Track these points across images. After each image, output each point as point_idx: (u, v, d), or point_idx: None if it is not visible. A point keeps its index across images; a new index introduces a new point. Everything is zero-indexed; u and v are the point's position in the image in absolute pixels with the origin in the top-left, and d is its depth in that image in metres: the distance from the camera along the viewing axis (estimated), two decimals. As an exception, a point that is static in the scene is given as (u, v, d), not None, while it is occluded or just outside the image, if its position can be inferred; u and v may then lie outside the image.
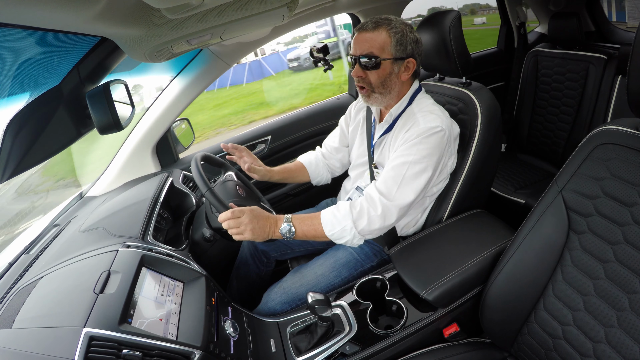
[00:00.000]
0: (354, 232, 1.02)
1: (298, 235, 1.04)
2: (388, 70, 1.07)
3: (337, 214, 1.04)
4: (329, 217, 1.04)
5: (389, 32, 1.04)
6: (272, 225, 1.02)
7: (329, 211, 1.06)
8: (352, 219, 1.02)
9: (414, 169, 1.03)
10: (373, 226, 1.02)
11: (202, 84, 1.54)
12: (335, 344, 0.93)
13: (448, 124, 1.07)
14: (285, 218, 1.04)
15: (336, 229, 1.03)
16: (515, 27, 2.39)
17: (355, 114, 1.34)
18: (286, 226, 1.03)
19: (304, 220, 1.05)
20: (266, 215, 1.02)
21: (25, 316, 0.72)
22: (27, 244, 1.14)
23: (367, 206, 1.03)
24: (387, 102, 1.14)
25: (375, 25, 1.05)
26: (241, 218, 0.98)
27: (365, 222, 1.02)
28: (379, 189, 1.05)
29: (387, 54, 1.05)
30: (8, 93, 0.87)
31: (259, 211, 1.02)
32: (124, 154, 1.51)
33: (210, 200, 1.00)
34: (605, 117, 1.81)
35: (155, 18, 0.77)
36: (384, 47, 1.04)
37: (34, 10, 0.55)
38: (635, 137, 0.71)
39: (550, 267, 0.82)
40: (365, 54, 1.05)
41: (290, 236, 1.03)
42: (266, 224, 1.01)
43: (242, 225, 0.98)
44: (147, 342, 0.69)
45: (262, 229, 1.00)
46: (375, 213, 1.02)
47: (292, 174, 1.38)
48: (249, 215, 0.98)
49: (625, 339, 0.68)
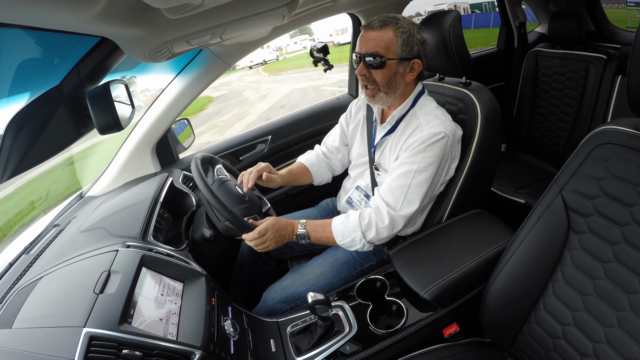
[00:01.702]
0: (364, 242, 1.07)
1: (311, 241, 1.12)
2: (393, 70, 1.06)
3: (348, 225, 1.07)
4: (339, 227, 1.08)
5: (395, 31, 1.03)
6: (290, 232, 1.10)
7: (339, 221, 1.09)
8: (361, 230, 1.05)
9: (419, 177, 1.04)
10: (381, 236, 1.06)
11: (202, 84, 1.54)
12: (335, 344, 0.93)
13: (451, 128, 1.07)
14: (300, 224, 1.11)
15: (347, 240, 1.08)
16: (515, 27, 2.39)
17: (356, 113, 1.34)
18: (302, 232, 1.10)
19: (317, 228, 1.11)
20: (284, 225, 1.09)
21: (25, 316, 0.72)
22: (27, 244, 1.14)
23: (375, 219, 1.06)
24: (390, 102, 1.13)
25: (382, 24, 1.04)
26: (266, 236, 1.05)
27: (374, 233, 1.05)
28: (386, 200, 1.06)
29: (392, 54, 1.04)
30: (8, 93, 0.87)
31: (279, 223, 1.08)
32: (124, 154, 1.51)
33: (234, 223, 1.04)
34: (605, 117, 1.81)
35: (155, 18, 0.77)
36: (390, 46, 1.04)
37: (34, 10, 0.55)
38: (635, 137, 0.71)
39: (550, 267, 0.82)
40: (371, 52, 1.04)
41: (305, 241, 1.11)
42: (285, 232, 1.09)
43: (267, 241, 1.06)
44: (147, 342, 0.69)
45: (283, 238, 1.09)
46: (382, 225, 1.05)
47: (297, 177, 1.37)
48: (272, 231, 1.06)
49: (625, 339, 0.68)
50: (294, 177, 1.36)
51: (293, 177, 1.35)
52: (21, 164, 0.79)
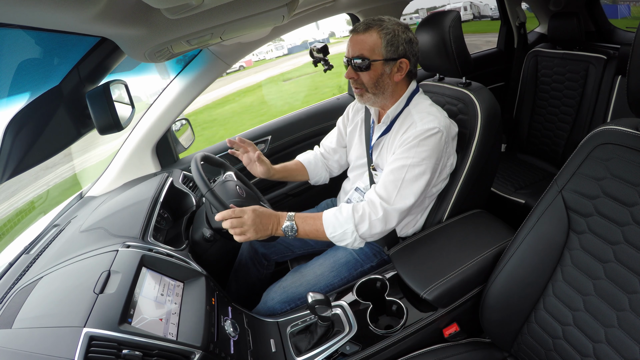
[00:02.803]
0: (355, 236, 1.03)
1: (300, 234, 1.05)
2: (379, 72, 1.06)
3: (340, 216, 1.04)
4: (331, 219, 1.05)
5: (379, 33, 1.04)
6: (275, 222, 1.03)
7: (331, 213, 1.06)
8: (354, 222, 1.02)
9: (413, 172, 1.03)
10: (374, 230, 1.03)
11: (202, 84, 1.54)
12: (335, 344, 0.93)
13: (445, 124, 1.06)
14: (288, 216, 1.05)
15: (337, 232, 1.04)
16: (515, 27, 2.39)
17: (354, 115, 1.34)
18: (289, 224, 1.03)
19: (306, 219, 1.06)
20: (268, 213, 1.03)
21: (25, 316, 0.72)
22: (27, 244, 1.14)
23: (369, 210, 1.03)
24: (381, 102, 1.14)
25: (366, 27, 1.05)
26: (243, 218, 0.98)
27: (367, 226, 1.03)
28: (379, 193, 1.05)
29: (377, 55, 1.05)
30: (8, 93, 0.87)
31: (261, 209, 1.02)
32: (124, 154, 1.51)
33: (211, 200, 0.99)
34: (605, 117, 1.81)
35: (155, 18, 0.77)
36: (374, 48, 1.04)
37: (34, 10, 0.55)
38: (635, 137, 0.71)
39: (550, 267, 0.82)
40: (357, 55, 1.05)
41: (292, 234, 1.04)
42: (269, 221, 1.02)
43: (245, 225, 0.98)
44: (147, 342, 0.69)
45: (265, 227, 1.01)
46: (376, 217, 1.02)
47: (292, 173, 1.38)
48: (251, 215, 0.98)
49: (625, 339, 0.68)
50: (289, 173, 1.37)
51: (287, 172, 1.36)
52: (21, 164, 0.80)
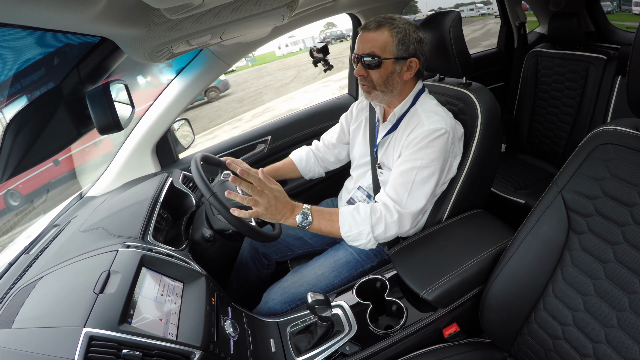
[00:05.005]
0: (370, 237, 1.03)
1: (313, 227, 1.04)
2: (390, 70, 1.07)
3: (357, 216, 1.04)
4: (347, 217, 1.04)
5: (391, 31, 1.05)
6: (289, 210, 1.02)
7: (347, 212, 1.05)
8: (370, 224, 1.02)
9: (422, 173, 1.04)
10: (389, 232, 1.04)
11: (202, 84, 1.54)
12: (335, 344, 0.93)
13: (452, 125, 1.07)
14: (304, 207, 1.04)
15: (353, 232, 1.03)
16: (515, 27, 2.39)
17: (358, 114, 1.34)
18: (304, 215, 1.03)
19: (323, 214, 1.05)
20: (285, 201, 1.02)
21: (25, 316, 0.72)
22: (27, 244, 1.14)
23: (385, 213, 1.04)
24: (388, 100, 1.14)
25: (378, 25, 1.05)
26: (264, 191, 0.97)
27: (383, 228, 1.03)
28: (391, 197, 1.05)
29: (388, 54, 1.06)
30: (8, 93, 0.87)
31: (283, 194, 1.01)
32: (123, 154, 1.51)
33: (214, 204, 0.99)
34: (605, 117, 1.81)
35: (155, 18, 0.77)
36: (385, 46, 1.05)
37: (34, 10, 0.55)
38: (635, 137, 0.71)
39: (550, 267, 0.82)
40: (367, 53, 1.06)
41: (304, 226, 1.03)
42: (284, 207, 1.01)
43: (262, 197, 0.96)
44: (147, 342, 0.69)
45: (277, 210, 0.99)
46: (391, 219, 1.03)
47: (280, 172, 1.42)
48: (270, 195, 0.98)
49: (625, 339, 0.68)
50: (277, 173, 1.41)
51: (276, 173, 1.41)
52: (21, 164, 0.79)
